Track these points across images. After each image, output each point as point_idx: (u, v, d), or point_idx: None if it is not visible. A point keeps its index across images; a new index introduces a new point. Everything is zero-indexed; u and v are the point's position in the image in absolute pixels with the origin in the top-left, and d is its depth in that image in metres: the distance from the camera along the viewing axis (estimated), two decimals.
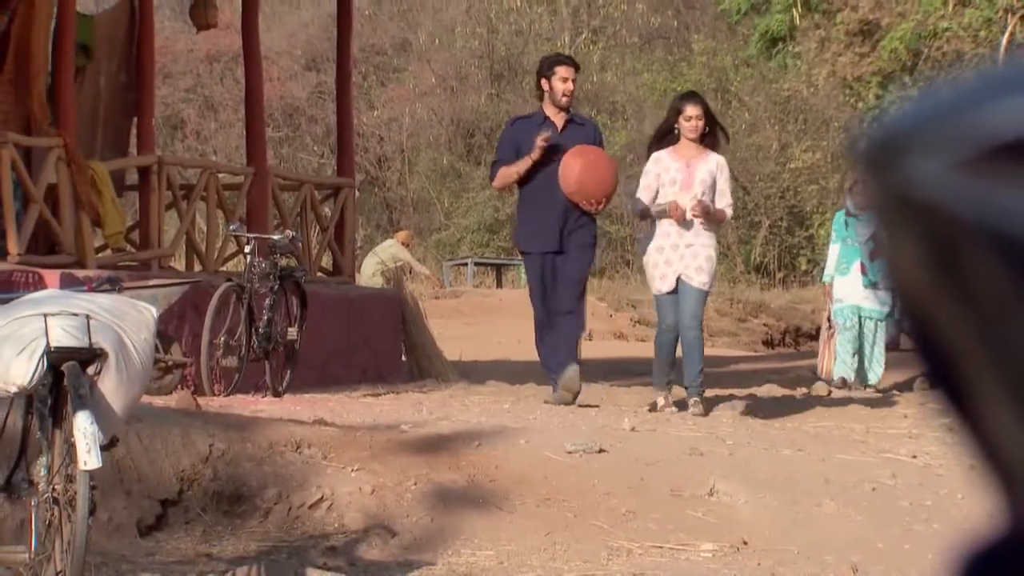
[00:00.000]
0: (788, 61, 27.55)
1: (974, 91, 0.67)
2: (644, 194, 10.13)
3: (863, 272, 12.84)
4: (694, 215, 9.92)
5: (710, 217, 9.95)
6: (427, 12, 37.43)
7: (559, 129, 10.16)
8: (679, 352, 10.16)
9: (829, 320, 13.12)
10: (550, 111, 10.25)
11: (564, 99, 10.17)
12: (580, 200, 9.87)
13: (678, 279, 9.87)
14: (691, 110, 10.01)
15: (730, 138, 10.66)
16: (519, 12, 36.35)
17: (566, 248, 10.09)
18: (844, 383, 12.65)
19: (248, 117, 14.70)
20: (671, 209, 9.88)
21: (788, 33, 26.52)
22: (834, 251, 13.26)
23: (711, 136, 10.10)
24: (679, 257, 9.87)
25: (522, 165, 10.05)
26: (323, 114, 34.12)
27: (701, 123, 9.96)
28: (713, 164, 10.03)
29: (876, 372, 12.93)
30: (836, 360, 12.89)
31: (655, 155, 10.13)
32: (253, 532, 7.42)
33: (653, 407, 10.14)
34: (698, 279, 9.85)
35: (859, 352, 12.84)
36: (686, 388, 10.05)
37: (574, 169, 9.80)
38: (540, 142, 9.93)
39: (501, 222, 33.58)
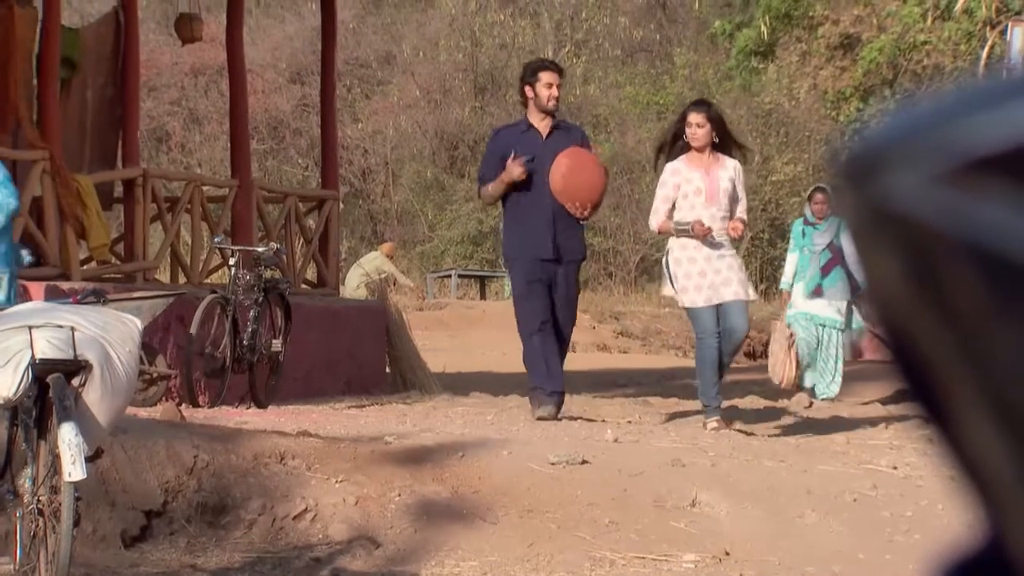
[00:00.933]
0: (760, 77, 27.74)
1: (952, 105, 0.67)
2: (661, 206, 9.83)
3: (815, 279, 12.89)
4: (735, 235, 9.77)
5: (729, 229, 9.75)
6: (411, 25, 37.51)
7: (544, 136, 9.92)
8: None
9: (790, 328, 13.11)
10: (535, 118, 9.98)
11: (551, 104, 9.92)
12: (565, 201, 9.63)
13: (718, 293, 9.67)
14: (692, 117, 9.76)
15: (747, 156, 10.62)
16: (503, 25, 36.47)
17: (560, 257, 9.87)
18: (812, 393, 12.68)
19: (233, 130, 14.73)
20: (696, 228, 9.63)
21: (758, 48, 26.70)
22: (792, 260, 13.40)
23: (723, 145, 9.82)
24: (714, 271, 9.67)
25: (497, 186, 9.88)
26: (307, 127, 34.16)
27: (702, 130, 9.67)
28: (732, 170, 9.82)
29: (831, 385, 12.85)
30: (801, 368, 12.88)
31: (671, 166, 9.80)
32: (237, 543, 7.43)
33: (709, 426, 9.79)
34: (743, 292, 9.75)
35: (814, 362, 12.89)
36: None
37: (560, 168, 9.58)
38: (516, 169, 9.71)
39: (485, 234, 33.64)
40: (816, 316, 12.88)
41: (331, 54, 15.36)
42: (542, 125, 9.93)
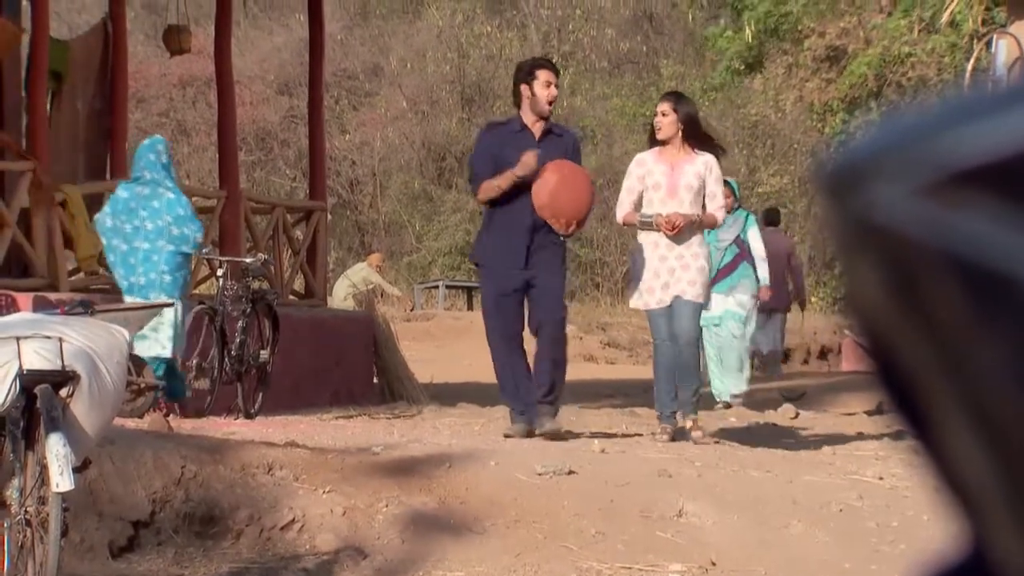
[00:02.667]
0: (745, 89, 27.87)
1: (935, 118, 0.67)
2: (625, 197, 9.50)
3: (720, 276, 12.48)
4: (670, 229, 9.26)
5: (696, 226, 9.34)
6: (398, 37, 37.57)
7: (536, 138, 9.38)
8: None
9: None
10: (528, 119, 9.42)
11: (548, 105, 9.42)
12: (548, 216, 9.08)
13: (671, 295, 9.26)
14: (659, 106, 9.43)
15: (725, 150, 9.95)
16: (490, 37, 36.55)
17: (532, 266, 9.28)
18: (722, 395, 12.43)
19: (221, 141, 14.76)
20: (657, 220, 9.29)
21: (748, 64, 26.82)
22: None
23: (697, 137, 9.37)
24: (669, 271, 9.25)
25: (506, 180, 9.20)
26: (295, 138, 34.18)
27: (666, 120, 9.24)
28: (700, 165, 9.30)
29: (739, 383, 12.45)
30: (712, 378, 12.50)
31: (638, 156, 9.50)
32: (225, 554, 7.44)
33: (659, 434, 9.51)
34: (692, 292, 9.24)
35: (718, 365, 12.54)
36: (681, 407, 9.42)
37: (548, 183, 9.03)
38: (528, 159, 9.15)
39: (472, 245, 33.67)
40: (711, 318, 12.32)
41: (319, 66, 15.41)
42: (535, 127, 9.42)
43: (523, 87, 9.43)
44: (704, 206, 9.41)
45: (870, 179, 0.67)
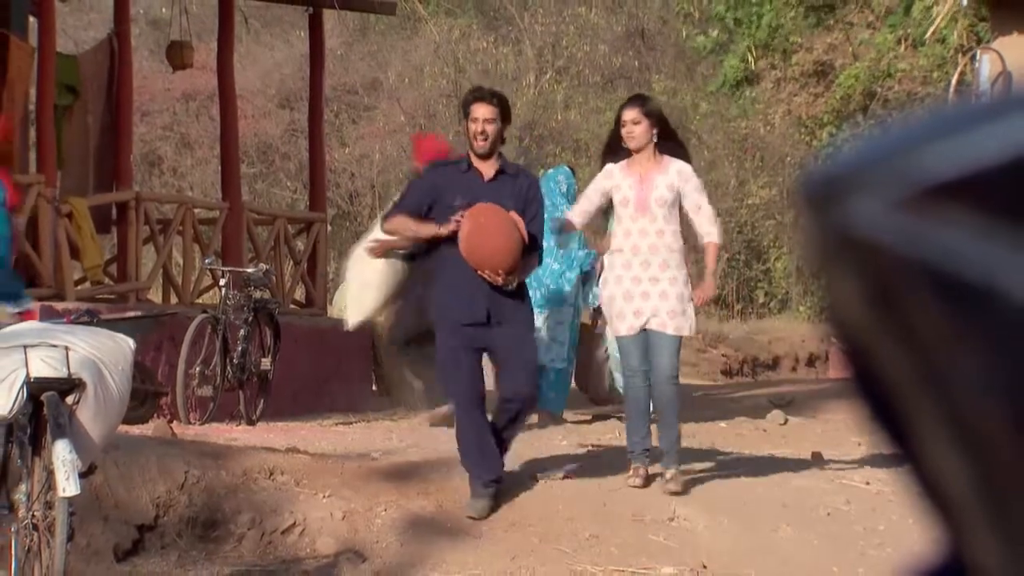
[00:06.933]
0: (747, 106, 27.96)
1: (913, 133, 0.67)
2: (579, 204, 8.46)
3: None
4: (699, 303, 8.30)
5: (677, 248, 8.20)
6: (397, 52, 37.70)
7: (485, 179, 8.02)
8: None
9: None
10: (476, 159, 8.06)
11: (479, 143, 8.00)
12: (476, 268, 7.74)
13: (645, 322, 8.07)
14: (626, 114, 8.19)
15: (690, 158, 8.52)
16: (486, 53, 36.66)
17: (496, 321, 7.87)
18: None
19: (223, 154, 14.91)
20: (603, 247, 8.38)
21: (744, 77, 26.93)
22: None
23: (670, 138, 8.29)
24: (642, 295, 8.07)
25: (425, 231, 7.99)
26: (296, 151, 34.26)
27: (639, 127, 8.08)
28: (673, 175, 8.13)
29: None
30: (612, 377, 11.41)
31: (607, 168, 8.27)
32: (227, 557, 7.52)
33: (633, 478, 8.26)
34: (672, 324, 8.04)
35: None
36: (662, 454, 8.19)
37: (464, 232, 7.72)
38: (445, 229, 7.81)
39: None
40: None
41: (319, 80, 15.55)
42: (484, 167, 8.04)
43: (464, 124, 8.23)
44: (687, 221, 8.28)
45: (849, 192, 0.67)
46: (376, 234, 10.04)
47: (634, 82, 33.99)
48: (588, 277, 11.11)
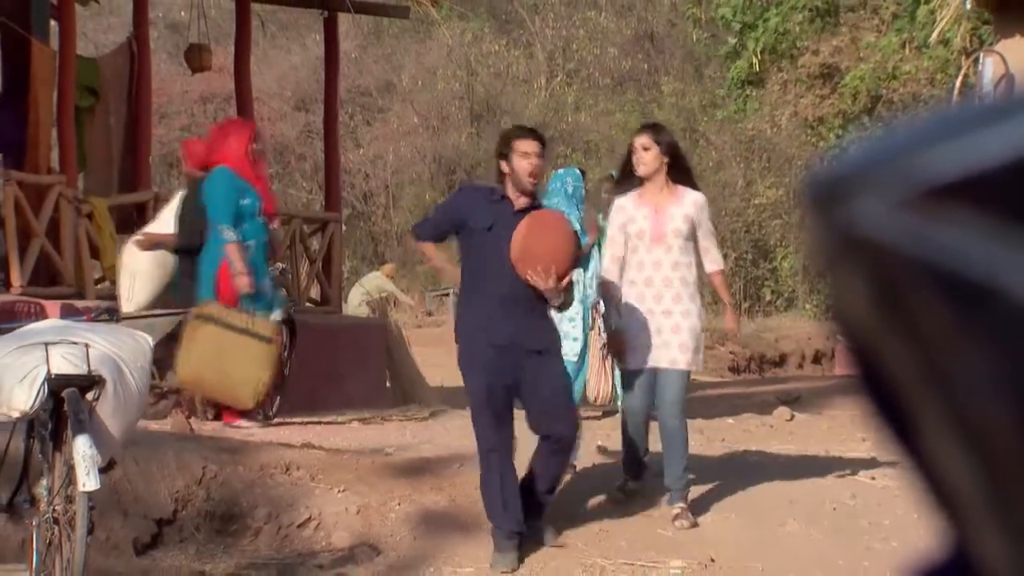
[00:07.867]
0: (750, 105, 28.05)
1: (917, 134, 0.67)
2: (608, 251, 8.08)
3: None
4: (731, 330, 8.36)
5: (690, 281, 7.95)
6: (410, 55, 37.86)
7: (516, 209, 7.49)
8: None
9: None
10: (512, 193, 7.54)
11: (529, 180, 7.50)
12: (525, 270, 7.27)
13: (655, 358, 7.81)
14: (638, 140, 7.99)
15: (698, 186, 8.22)
16: (497, 56, 36.82)
17: (522, 343, 7.41)
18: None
19: None
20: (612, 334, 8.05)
21: (748, 79, 27.02)
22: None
23: (680, 171, 8.01)
24: (656, 330, 7.81)
25: (436, 261, 8.04)
26: (311, 152, 34.47)
27: (649, 154, 7.87)
28: (690, 206, 7.89)
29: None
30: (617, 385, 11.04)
31: (617, 203, 8.03)
32: (244, 550, 7.61)
33: (623, 488, 8.23)
34: (683, 359, 7.78)
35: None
36: (668, 490, 7.95)
37: (521, 230, 7.30)
38: (450, 272, 7.81)
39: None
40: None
41: (334, 83, 15.63)
42: (519, 201, 7.53)
43: (501, 162, 7.62)
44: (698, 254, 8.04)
45: (854, 193, 0.67)
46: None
47: (643, 84, 34.10)
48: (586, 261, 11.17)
